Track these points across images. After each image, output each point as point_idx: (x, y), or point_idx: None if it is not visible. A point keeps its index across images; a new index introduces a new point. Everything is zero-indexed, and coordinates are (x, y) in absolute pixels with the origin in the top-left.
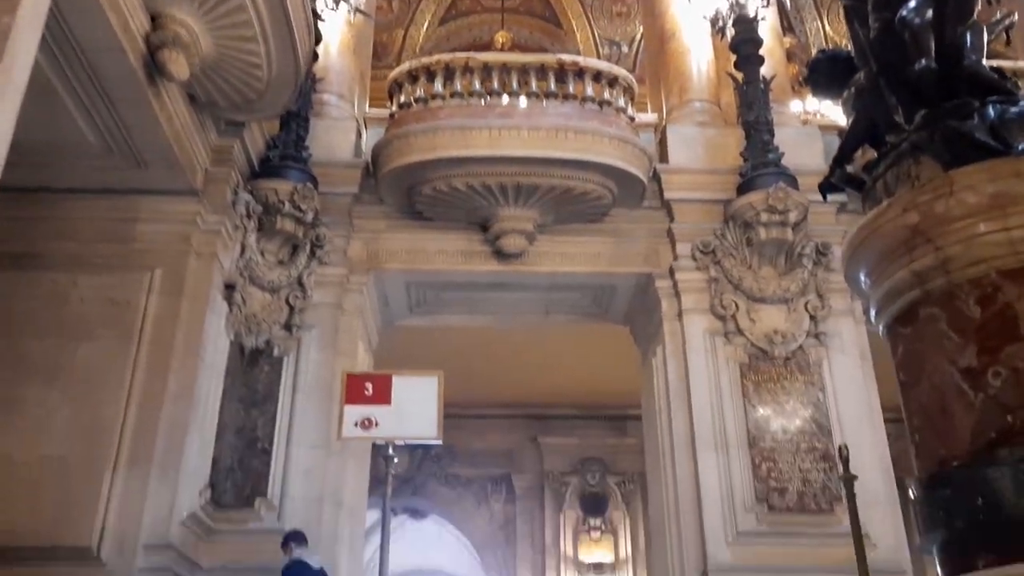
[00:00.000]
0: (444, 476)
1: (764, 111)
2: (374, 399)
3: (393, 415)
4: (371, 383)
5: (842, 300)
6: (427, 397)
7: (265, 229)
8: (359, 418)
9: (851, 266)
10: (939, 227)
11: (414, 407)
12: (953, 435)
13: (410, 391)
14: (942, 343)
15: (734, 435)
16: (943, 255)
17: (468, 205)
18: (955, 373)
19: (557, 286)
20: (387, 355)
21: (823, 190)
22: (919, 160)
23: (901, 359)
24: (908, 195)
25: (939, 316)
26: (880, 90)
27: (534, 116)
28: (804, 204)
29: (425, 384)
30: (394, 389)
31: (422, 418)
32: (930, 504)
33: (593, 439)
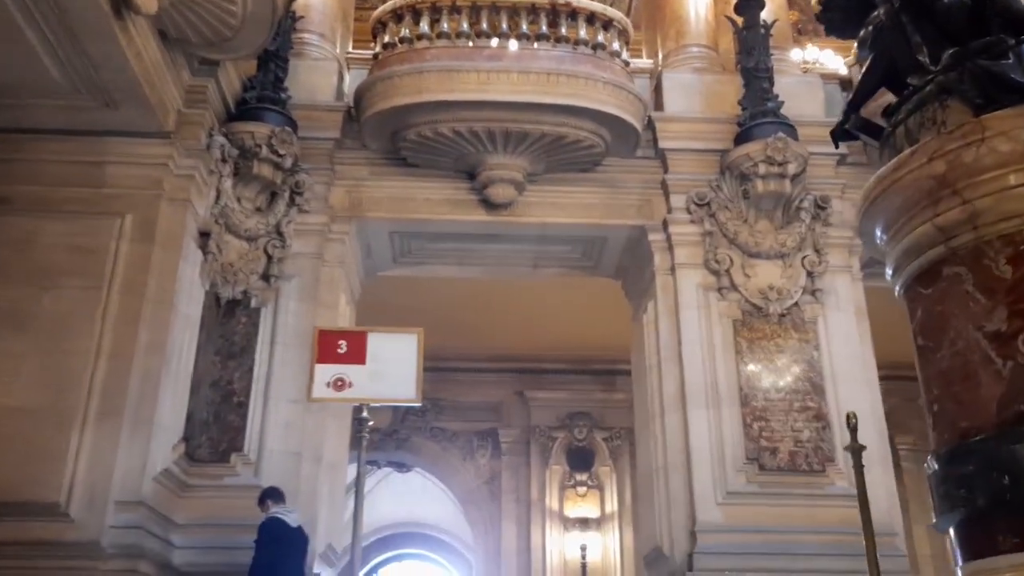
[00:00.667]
0: (429, 430)
1: (764, 57)
2: (348, 358)
3: (368, 375)
4: (345, 340)
5: (840, 256)
6: (405, 356)
7: (242, 175)
8: (331, 378)
9: (867, 220)
10: (968, 178)
11: (391, 367)
12: (977, 406)
13: (387, 350)
14: (968, 305)
15: (726, 393)
16: (971, 209)
17: (455, 152)
18: (981, 338)
19: (547, 238)
20: (370, 307)
21: (836, 137)
22: (946, 104)
23: (921, 322)
24: (934, 142)
25: (965, 276)
26: (902, 27)
27: (525, 59)
28: (804, 156)
29: (403, 342)
30: (369, 347)
31: (399, 378)
32: (949, 481)
33: (581, 394)
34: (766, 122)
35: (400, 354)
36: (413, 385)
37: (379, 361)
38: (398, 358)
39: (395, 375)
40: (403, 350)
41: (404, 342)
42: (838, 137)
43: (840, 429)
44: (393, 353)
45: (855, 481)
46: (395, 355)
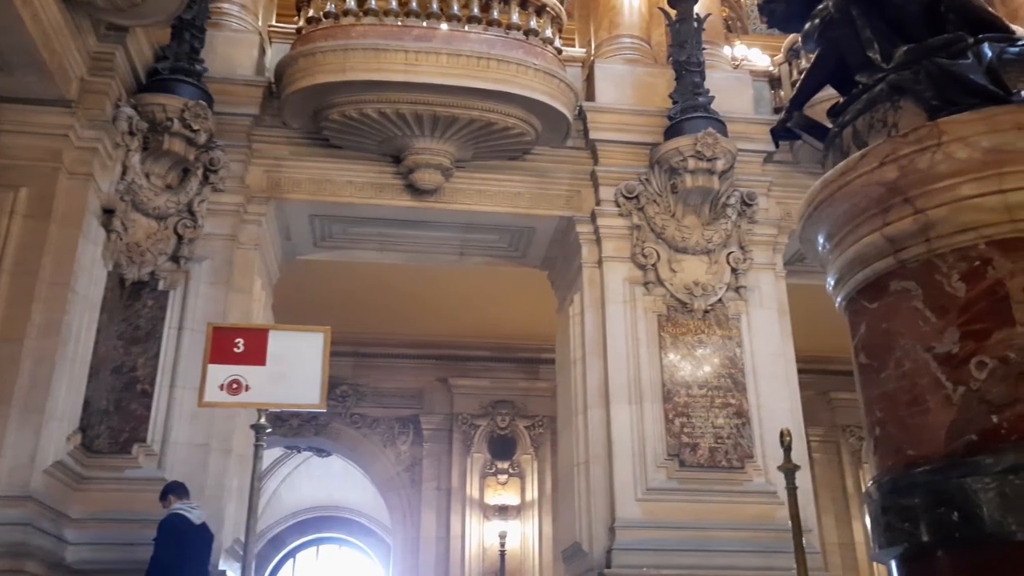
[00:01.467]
0: (349, 416)
1: (696, 52)
2: (246, 358)
3: (268, 377)
4: (243, 339)
5: (764, 253)
6: (310, 357)
7: (151, 149)
8: (226, 379)
9: (810, 226)
10: (921, 185)
11: (294, 368)
12: (925, 433)
13: (290, 349)
14: (916, 324)
15: (649, 389)
16: (924, 219)
17: (380, 134)
18: (931, 360)
19: (473, 226)
20: (288, 291)
21: (776, 136)
22: (898, 105)
23: (864, 339)
24: (885, 145)
25: (915, 291)
26: (852, 20)
27: (455, 41)
28: (732, 152)
29: (309, 341)
30: (271, 346)
31: (303, 382)
32: (891, 512)
33: (504, 382)
34: (696, 117)
35: (304, 355)
36: (318, 389)
37: (281, 362)
38: (302, 359)
39: (298, 378)
40: (308, 350)
41: (309, 341)
42: (779, 136)
43: (759, 426)
44: (297, 353)
45: (788, 504)
46: (299, 356)
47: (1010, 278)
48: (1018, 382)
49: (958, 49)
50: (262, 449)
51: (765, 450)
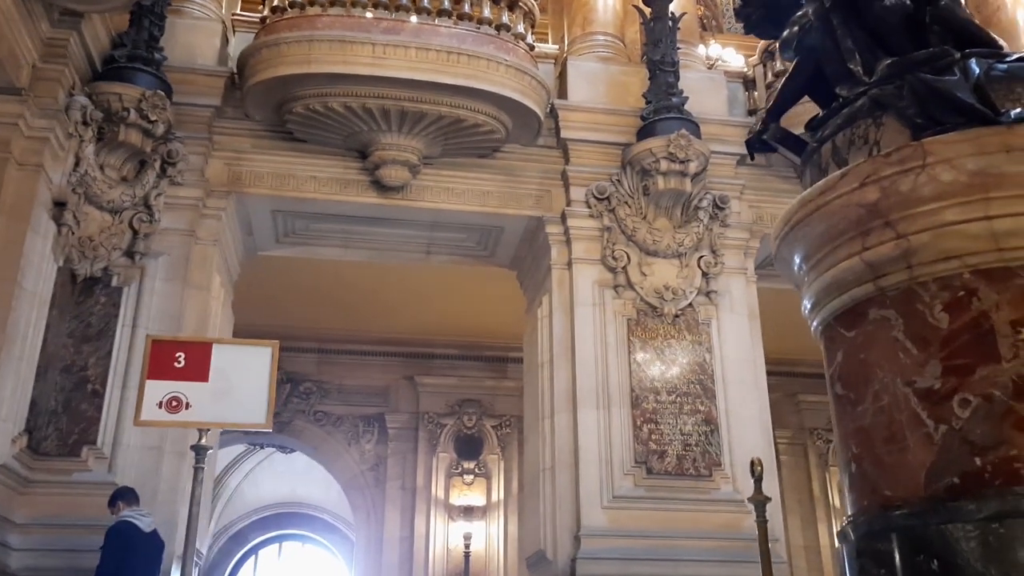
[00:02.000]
0: (313, 413)
1: (671, 51)
2: (187, 373)
3: (211, 395)
4: (184, 352)
5: (736, 257)
6: (256, 373)
7: (106, 140)
8: (164, 396)
9: (786, 245)
10: (903, 209)
11: (239, 385)
12: (903, 473)
13: (235, 364)
14: (896, 355)
15: (617, 394)
16: (905, 245)
17: (346, 128)
18: (911, 395)
19: (441, 224)
20: (249, 288)
21: (751, 148)
22: (880, 121)
23: (841, 368)
24: (867, 165)
25: (895, 321)
26: (832, 30)
27: (424, 34)
28: (705, 154)
29: (254, 356)
30: (214, 361)
31: (248, 400)
32: (865, 556)
33: (472, 380)
34: (670, 118)
35: (250, 371)
36: (264, 407)
37: (225, 378)
38: (248, 375)
39: (243, 395)
40: (254, 366)
41: (255, 357)
42: (754, 148)
43: (728, 433)
44: (242, 369)
45: (758, 537)
46: (244, 372)
47: (996, 310)
48: (1003, 422)
49: (944, 64)
50: (202, 472)
51: (733, 458)
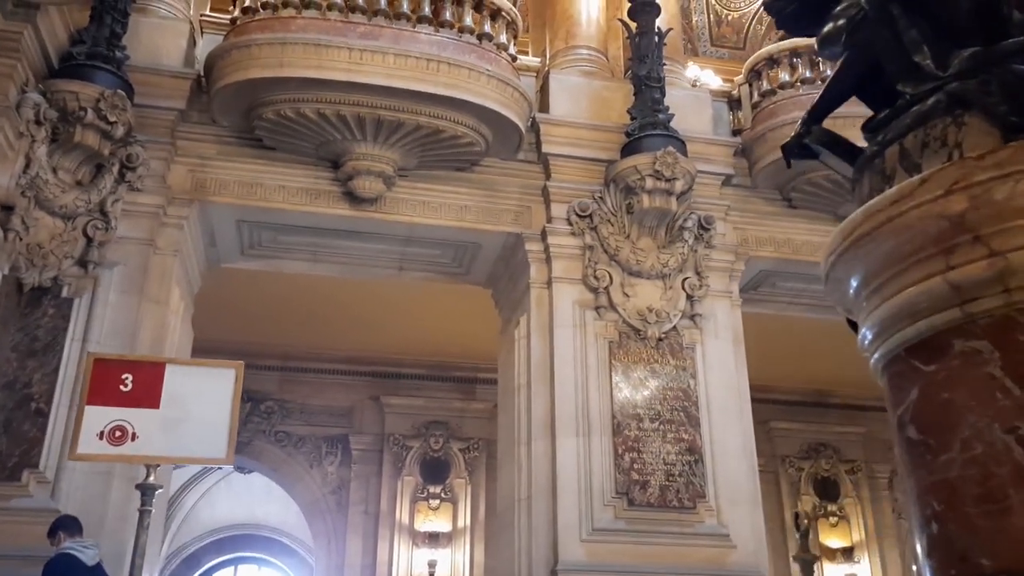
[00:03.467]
0: (274, 434)
1: (657, 66)
2: (134, 398)
3: (162, 424)
4: (131, 374)
5: (720, 280)
6: (217, 399)
7: (61, 142)
8: (107, 425)
9: (842, 265)
10: (998, 222)
11: (196, 413)
12: (1004, 540)
13: (192, 389)
14: (992, 396)
15: (598, 420)
16: (1002, 264)
17: (318, 136)
18: (1013, 445)
19: (415, 239)
20: (210, 301)
21: (789, 154)
22: (962, 120)
23: (915, 409)
24: (953, 170)
25: (989, 354)
26: (893, 20)
27: (403, 41)
28: (692, 172)
29: (215, 380)
30: (167, 385)
31: (207, 430)
32: None
33: (439, 401)
34: (656, 134)
35: (209, 396)
36: (224, 439)
37: (179, 405)
38: (206, 402)
39: (200, 425)
40: (214, 391)
41: (216, 380)
42: (792, 154)
43: (712, 463)
44: (200, 394)
45: None
46: (202, 397)
47: None
48: None
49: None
50: (148, 516)
51: (718, 490)
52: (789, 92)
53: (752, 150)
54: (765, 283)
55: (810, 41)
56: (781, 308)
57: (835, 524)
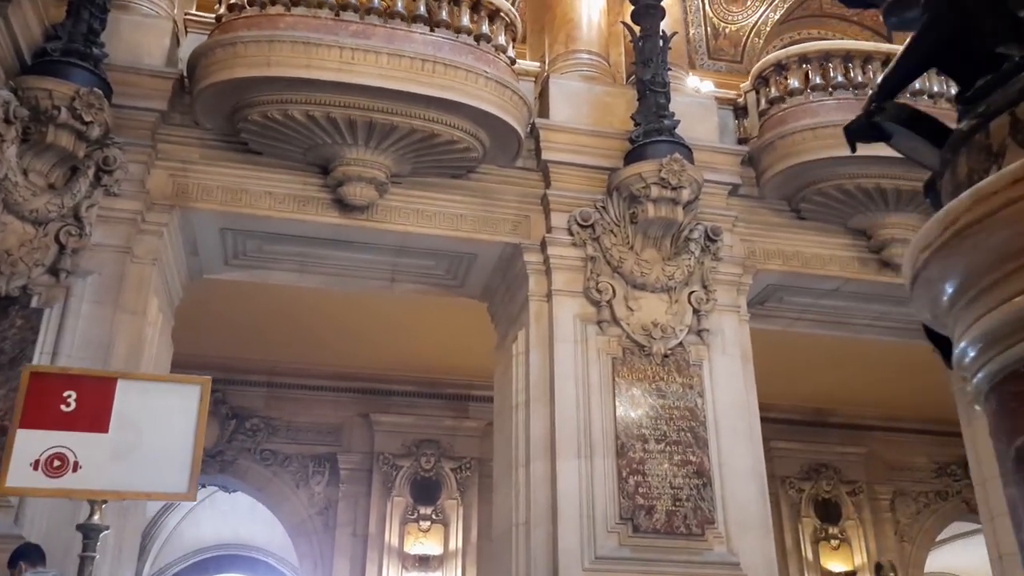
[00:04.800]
0: (259, 452)
1: (662, 71)
2: (78, 420)
3: (111, 451)
4: (75, 391)
5: (728, 294)
6: (179, 421)
7: (33, 142)
8: (44, 453)
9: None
10: None
11: (152, 438)
12: None
13: (149, 409)
14: None
15: (600, 441)
16: None
17: (307, 140)
18: None
19: (408, 249)
20: (191, 313)
21: (856, 136)
22: None
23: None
24: None
25: None
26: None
27: (397, 40)
28: (699, 181)
29: (178, 398)
30: (119, 404)
31: (165, 459)
32: None
33: (431, 419)
34: (661, 141)
35: (169, 418)
36: (187, 471)
37: (132, 428)
38: (165, 424)
39: (157, 452)
40: (175, 412)
41: (178, 398)
42: (859, 135)
43: (721, 487)
44: (158, 416)
45: None
46: (161, 419)
47: None
48: None
49: None
50: (92, 564)
51: (727, 515)
52: (799, 99)
53: (760, 159)
54: (772, 298)
55: (821, 46)
56: (787, 324)
57: (836, 547)
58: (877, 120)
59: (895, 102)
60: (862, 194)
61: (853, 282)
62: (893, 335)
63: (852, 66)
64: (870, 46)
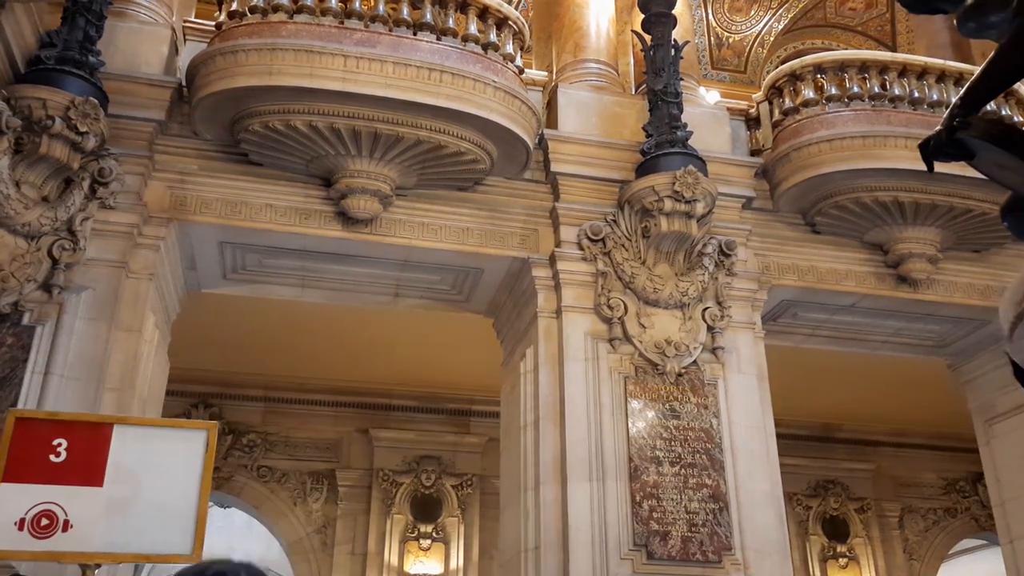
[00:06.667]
0: (256, 468)
1: (674, 80)
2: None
3: (105, 508)
4: (66, 439)
5: (743, 311)
6: (182, 472)
7: (25, 153)
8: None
9: None
10: None
11: (153, 492)
12: None
13: (149, 458)
14: None
15: (613, 464)
16: None
17: (310, 151)
18: None
19: (412, 263)
20: (189, 328)
21: (934, 155)
22: None
23: None
24: None
25: None
26: None
27: (403, 49)
28: (713, 194)
29: (180, 445)
30: (114, 453)
31: (167, 514)
32: None
33: (432, 435)
34: (674, 152)
35: (171, 468)
36: (191, 527)
37: (130, 480)
38: (167, 475)
39: (158, 508)
40: (177, 461)
41: (181, 445)
42: (938, 155)
43: (738, 512)
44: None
45: None
46: (162, 470)
47: None
48: None
49: None
50: None
51: (744, 541)
52: (815, 110)
53: (774, 171)
54: (786, 313)
55: (837, 56)
56: (801, 340)
57: (845, 566)
58: (961, 136)
59: (983, 117)
60: (879, 208)
61: (869, 298)
62: (910, 351)
63: (868, 77)
64: (886, 56)
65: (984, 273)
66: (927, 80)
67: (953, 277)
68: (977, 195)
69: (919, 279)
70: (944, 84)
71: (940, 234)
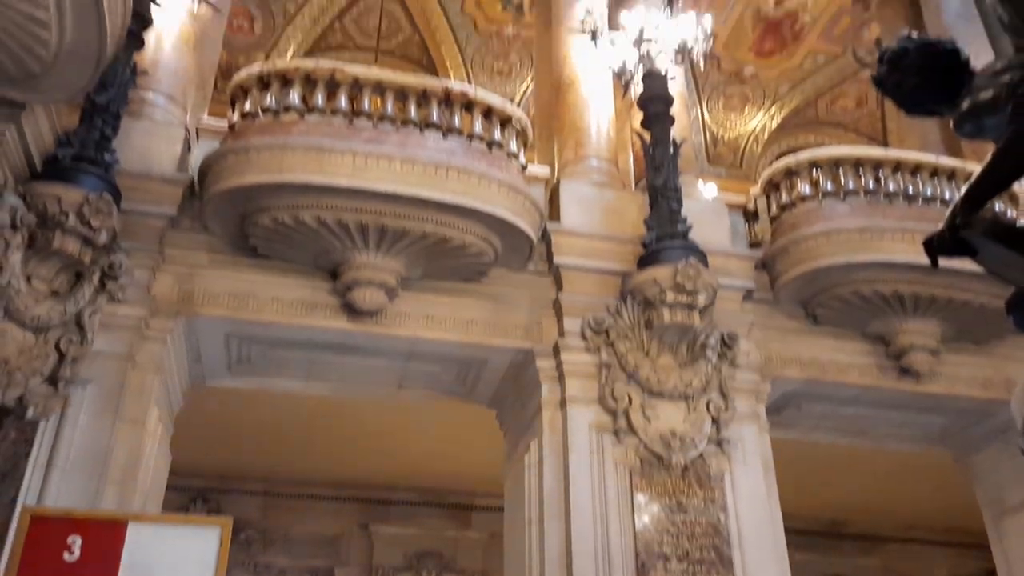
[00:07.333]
0: (253, 566)
1: (673, 176)
2: (82, 570)
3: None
4: (81, 536)
5: (747, 402)
6: (195, 573)
7: (38, 247)
8: None
9: None
10: None
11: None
12: None
13: (163, 555)
14: None
15: (619, 560)
16: None
17: (317, 245)
18: None
19: (417, 355)
20: (189, 421)
21: (939, 250)
22: None
23: None
24: None
25: None
26: None
27: (410, 146)
28: (714, 286)
29: (194, 541)
30: (129, 550)
31: None
32: None
33: (433, 530)
34: (675, 246)
35: (186, 565)
36: None
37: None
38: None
39: None
40: (192, 558)
41: (195, 542)
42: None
43: None
44: (174, 563)
45: None
46: (177, 567)
47: None
48: None
49: None
50: None
51: None
52: (811, 204)
53: (773, 264)
54: (789, 405)
55: (831, 153)
56: (805, 433)
57: None
58: (964, 235)
59: (985, 216)
60: (879, 299)
61: (872, 390)
62: (914, 444)
63: (863, 172)
64: (880, 152)
65: (986, 365)
66: (921, 176)
67: (955, 369)
68: (976, 288)
69: (921, 371)
70: (937, 180)
71: (941, 326)
